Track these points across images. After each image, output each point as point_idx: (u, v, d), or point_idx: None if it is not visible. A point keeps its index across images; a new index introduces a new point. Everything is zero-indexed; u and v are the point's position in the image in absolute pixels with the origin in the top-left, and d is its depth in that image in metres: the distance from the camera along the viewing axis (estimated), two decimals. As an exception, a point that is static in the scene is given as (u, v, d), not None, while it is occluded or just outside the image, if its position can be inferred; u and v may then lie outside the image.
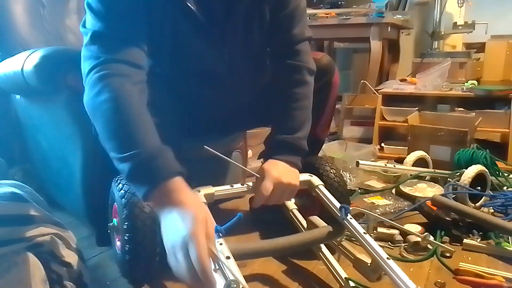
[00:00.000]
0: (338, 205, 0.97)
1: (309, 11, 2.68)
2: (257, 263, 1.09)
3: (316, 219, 1.03)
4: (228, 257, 0.75)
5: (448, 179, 1.59)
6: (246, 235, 1.26)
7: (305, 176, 1.07)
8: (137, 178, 0.77)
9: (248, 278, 0.99)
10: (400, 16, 2.76)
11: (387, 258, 0.82)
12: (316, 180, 1.06)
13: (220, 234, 0.79)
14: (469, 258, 1.13)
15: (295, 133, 1.05)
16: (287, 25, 1.08)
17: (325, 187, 1.05)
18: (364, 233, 0.89)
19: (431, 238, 1.06)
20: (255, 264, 1.09)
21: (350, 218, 0.93)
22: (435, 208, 1.29)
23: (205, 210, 0.76)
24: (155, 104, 0.98)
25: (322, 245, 1.02)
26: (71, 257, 0.86)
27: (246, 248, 0.90)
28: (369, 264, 0.87)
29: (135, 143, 0.77)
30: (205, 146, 0.91)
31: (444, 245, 1.03)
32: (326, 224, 1.00)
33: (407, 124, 2.01)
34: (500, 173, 1.67)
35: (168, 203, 0.74)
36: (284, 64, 1.09)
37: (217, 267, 0.73)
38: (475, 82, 2.36)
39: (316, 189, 1.04)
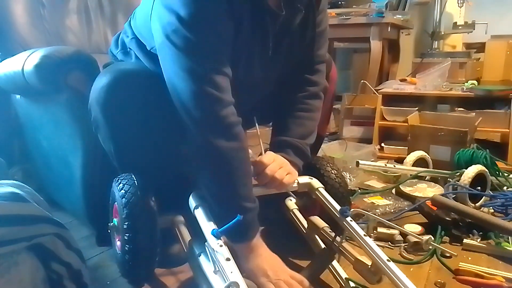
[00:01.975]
0: (338, 207, 0.97)
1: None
2: (257, 263, 1.09)
3: (316, 219, 1.03)
4: (228, 259, 0.75)
5: (448, 179, 1.59)
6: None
7: (305, 179, 1.07)
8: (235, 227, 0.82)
9: (249, 278, 0.99)
10: (400, 16, 2.76)
11: (388, 260, 0.82)
12: (316, 183, 1.06)
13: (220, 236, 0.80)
14: (469, 258, 1.13)
15: (304, 139, 1.09)
16: (316, 43, 1.13)
17: (326, 188, 1.05)
18: (364, 235, 0.88)
19: (432, 240, 1.05)
20: (255, 264, 1.08)
21: (350, 220, 0.93)
22: (435, 208, 1.29)
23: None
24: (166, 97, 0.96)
25: (323, 246, 1.03)
26: (71, 257, 0.86)
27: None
28: (369, 266, 0.87)
29: (242, 197, 0.90)
30: None
31: (446, 249, 1.02)
32: (327, 225, 1.01)
33: (407, 124, 2.01)
34: (500, 173, 1.67)
35: (255, 252, 0.91)
36: (305, 77, 1.14)
37: (217, 269, 0.74)
38: (475, 82, 2.35)
39: (316, 192, 1.04)
